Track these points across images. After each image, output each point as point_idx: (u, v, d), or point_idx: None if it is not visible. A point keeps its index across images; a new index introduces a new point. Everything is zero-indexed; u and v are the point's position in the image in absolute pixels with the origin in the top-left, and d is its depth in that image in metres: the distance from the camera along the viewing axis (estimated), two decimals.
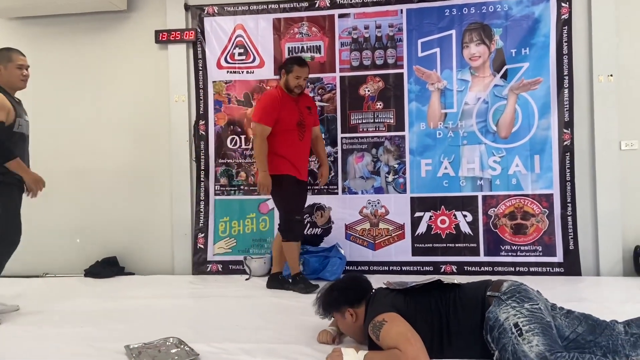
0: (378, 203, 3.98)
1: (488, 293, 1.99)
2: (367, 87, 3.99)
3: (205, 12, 4.16)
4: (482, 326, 1.93)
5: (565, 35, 3.71)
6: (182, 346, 2.24)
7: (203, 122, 4.17)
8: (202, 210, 4.14)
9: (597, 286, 3.34)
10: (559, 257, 3.68)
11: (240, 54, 4.15)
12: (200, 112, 4.18)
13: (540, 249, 3.73)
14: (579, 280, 3.52)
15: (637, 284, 3.30)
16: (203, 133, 4.17)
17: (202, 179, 4.16)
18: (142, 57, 4.27)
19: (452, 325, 1.98)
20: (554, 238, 3.71)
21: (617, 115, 3.67)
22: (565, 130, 3.71)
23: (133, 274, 4.13)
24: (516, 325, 1.83)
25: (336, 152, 4.03)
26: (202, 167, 4.17)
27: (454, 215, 3.87)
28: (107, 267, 4.09)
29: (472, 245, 3.83)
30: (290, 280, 3.47)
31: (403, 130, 3.95)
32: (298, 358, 2.13)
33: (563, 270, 3.65)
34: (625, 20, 3.70)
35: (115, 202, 4.29)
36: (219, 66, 4.17)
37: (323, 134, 4.04)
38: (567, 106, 3.71)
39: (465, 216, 3.86)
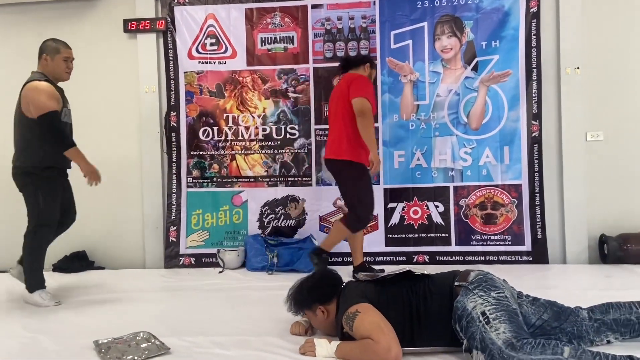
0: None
1: (456, 283, 2.02)
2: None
3: (176, 1, 4.09)
4: (451, 315, 1.96)
5: (534, 28, 3.78)
6: (152, 340, 2.21)
7: (174, 113, 4.11)
8: (174, 202, 4.09)
9: (563, 274, 3.43)
10: (527, 246, 3.76)
11: (212, 44, 4.09)
12: (172, 103, 4.11)
13: (510, 238, 3.81)
14: (546, 268, 3.61)
15: (602, 271, 3.40)
16: (174, 124, 4.11)
17: (173, 171, 4.10)
18: (110, 47, 4.17)
19: (423, 314, 2.01)
20: (522, 227, 3.79)
21: (583, 107, 3.76)
22: (533, 122, 3.79)
23: (103, 268, 4.06)
24: (483, 313, 1.86)
25: (310, 144, 4.03)
26: (174, 159, 4.11)
27: (427, 205, 3.92)
28: (75, 262, 4.01)
29: (443, 235, 3.88)
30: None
31: (376, 121, 3.96)
32: (271, 350, 2.14)
33: (531, 259, 3.73)
34: (592, 14, 3.78)
35: (83, 195, 4.17)
36: (190, 56, 4.10)
37: (296, 126, 4.03)
38: (536, 98, 3.78)
39: (437, 207, 3.91)
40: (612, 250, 3.56)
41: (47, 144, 2.92)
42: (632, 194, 3.75)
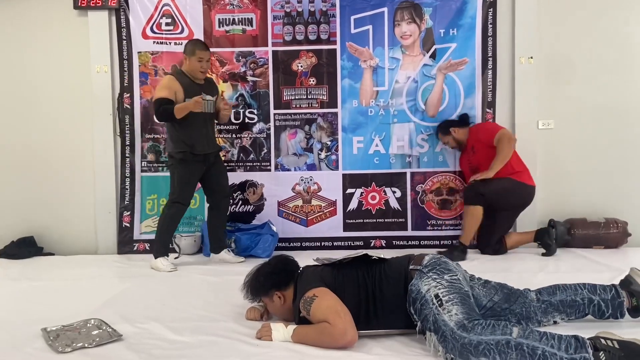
0: (311, 180, 3.99)
1: (410, 267, 2.05)
2: (300, 63, 3.95)
3: None
4: (406, 298, 1.99)
5: (490, 17, 3.84)
6: (103, 327, 2.15)
7: (128, 94, 3.97)
8: (127, 187, 3.97)
9: (513, 258, 3.54)
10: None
11: (167, 24, 3.97)
12: (125, 84, 3.97)
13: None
14: None
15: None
16: (128, 106, 3.98)
17: (127, 155, 3.98)
18: (60, 24, 3.98)
19: (378, 297, 2.03)
20: None
21: (535, 96, 3.87)
22: (487, 110, 3.87)
23: (53, 254, 3.92)
24: (437, 296, 1.90)
25: (269, 129, 3.99)
26: (127, 142, 3.98)
27: (384, 191, 3.96)
28: (23, 248, 3.85)
29: (400, 220, 3.94)
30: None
31: (336, 107, 3.96)
32: (226, 335, 2.11)
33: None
34: (546, 5, 3.87)
35: (32, 178, 4.02)
36: (145, 36, 3.97)
37: (255, 110, 3.98)
38: (490, 87, 3.86)
39: (394, 192, 3.96)
40: (560, 234, 3.69)
41: (178, 131, 3.28)
42: (579, 181, 3.90)
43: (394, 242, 3.91)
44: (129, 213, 3.96)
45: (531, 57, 3.84)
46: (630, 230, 3.70)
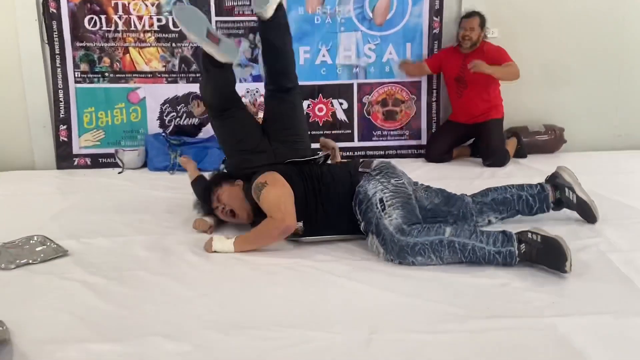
0: (257, 92, 3.90)
1: (360, 169, 2.15)
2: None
3: None
4: (352, 198, 2.08)
5: None
6: (48, 243, 2.12)
7: None
8: (61, 99, 3.75)
9: (453, 166, 3.70)
10: (423, 140, 3.98)
11: None
12: None
13: (407, 133, 4.00)
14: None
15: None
16: (54, 11, 3.65)
17: (58, 65, 3.71)
18: None
19: (324, 192, 2.12)
20: (419, 123, 3.98)
21: (480, 5, 3.81)
22: (435, 18, 3.83)
23: None
24: (381, 200, 2.01)
25: None
26: (57, 51, 3.70)
27: (331, 103, 3.95)
28: None
29: (347, 132, 3.98)
30: None
31: None
32: (174, 248, 2.14)
33: (426, 152, 3.96)
34: None
35: None
36: None
37: None
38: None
39: (341, 104, 3.95)
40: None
41: None
42: (522, 89, 3.92)
43: (341, 153, 3.94)
44: (65, 127, 3.78)
45: None
46: (566, 137, 3.93)
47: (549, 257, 1.79)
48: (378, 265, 1.95)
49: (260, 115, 3.88)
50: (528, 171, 3.40)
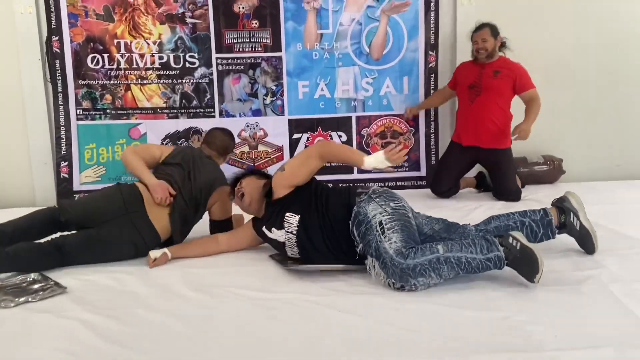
0: (257, 126, 3.95)
1: (358, 190, 2.21)
2: (241, 4, 3.80)
3: None
4: (350, 218, 2.13)
5: None
6: (46, 281, 2.11)
7: (56, 37, 3.72)
8: (63, 136, 3.80)
9: (454, 197, 3.70)
10: (422, 172, 4.00)
11: None
12: (52, 26, 3.70)
13: (407, 165, 4.02)
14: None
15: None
16: (57, 50, 3.73)
17: (60, 102, 3.77)
18: None
19: (324, 209, 2.20)
20: (418, 154, 4.01)
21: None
22: (430, 53, 3.90)
23: None
24: (380, 223, 2.03)
25: (211, 74, 3.87)
26: (60, 89, 3.77)
27: (330, 135, 3.99)
28: None
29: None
30: None
31: (280, 50, 3.87)
32: (172, 284, 2.14)
33: (426, 184, 3.98)
34: None
35: None
36: None
37: (196, 54, 3.83)
38: (433, 29, 3.88)
39: (340, 136, 3.99)
40: None
41: None
42: (520, 120, 4.00)
43: (340, 185, 3.96)
44: (66, 163, 3.81)
45: None
46: (564, 168, 3.95)
47: (522, 266, 1.94)
48: (378, 298, 1.94)
49: (261, 148, 3.94)
50: (530, 202, 3.39)
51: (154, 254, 2.33)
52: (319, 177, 3.87)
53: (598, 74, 4.09)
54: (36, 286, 2.08)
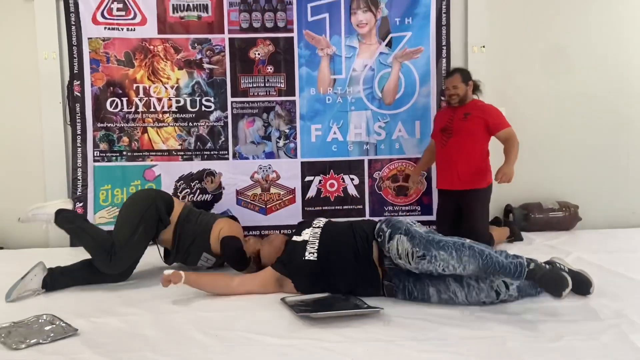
0: (269, 168, 3.99)
1: (377, 219, 2.53)
2: (257, 50, 3.92)
3: None
4: (354, 253, 2.39)
5: (444, 6, 3.92)
6: (57, 322, 2.10)
7: (78, 82, 3.84)
8: (79, 177, 3.86)
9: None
10: (434, 216, 3.97)
11: (119, 10, 3.84)
12: (75, 71, 3.84)
13: (419, 209, 4.00)
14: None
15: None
16: (78, 94, 3.85)
17: (78, 144, 3.86)
18: (3, 8, 3.79)
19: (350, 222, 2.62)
20: (430, 198, 4.00)
21: (488, 85, 3.95)
22: (442, 98, 3.96)
23: (1, 247, 3.77)
24: (408, 222, 2.36)
25: (226, 117, 3.94)
26: (79, 132, 3.86)
27: (342, 178, 4.00)
28: None
29: (358, 207, 4.00)
30: None
31: (294, 95, 3.96)
32: (182, 327, 2.11)
33: (437, 228, 3.93)
34: None
35: None
36: (95, 22, 3.83)
37: (212, 98, 3.92)
38: (445, 75, 3.94)
39: (352, 179, 4.01)
40: (518, 219, 3.85)
41: None
42: (534, 166, 4.00)
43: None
44: (81, 204, 3.85)
45: (483, 46, 3.95)
46: (580, 215, 3.89)
47: (550, 281, 2.03)
48: (392, 345, 1.89)
49: (273, 190, 3.96)
50: (545, 249, 3.32)
51: (168, 272, 2.37)
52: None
53: (612, 121, 4.10)
54: (47, 328, 2.07)
